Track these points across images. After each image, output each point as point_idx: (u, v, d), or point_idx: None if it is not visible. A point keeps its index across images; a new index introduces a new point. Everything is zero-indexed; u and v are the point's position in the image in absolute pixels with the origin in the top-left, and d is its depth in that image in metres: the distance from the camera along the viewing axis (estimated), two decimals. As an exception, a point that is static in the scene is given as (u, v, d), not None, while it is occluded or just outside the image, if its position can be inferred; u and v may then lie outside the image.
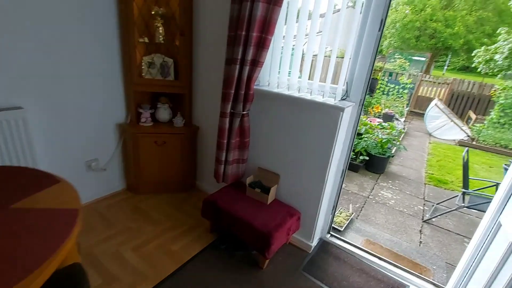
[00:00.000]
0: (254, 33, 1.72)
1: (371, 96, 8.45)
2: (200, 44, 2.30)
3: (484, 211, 2.96)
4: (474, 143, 6.61)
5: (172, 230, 2.22)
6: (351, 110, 1.70)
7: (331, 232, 2.23)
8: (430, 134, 7.46)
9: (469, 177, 2.94)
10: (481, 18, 20.61)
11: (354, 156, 4.23)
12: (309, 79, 1.82)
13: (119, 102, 2.40)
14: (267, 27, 1.71)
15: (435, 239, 2.79)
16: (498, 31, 9.98)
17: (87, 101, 2.19)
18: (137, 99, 2.41)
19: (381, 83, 8.26)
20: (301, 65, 1.82)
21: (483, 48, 10.64)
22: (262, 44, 1.74)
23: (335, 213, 2.35)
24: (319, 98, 1.71)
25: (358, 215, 3.02)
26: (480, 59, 10.42)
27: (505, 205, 1.27)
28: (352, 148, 1.85)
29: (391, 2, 1.46)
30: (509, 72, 9.12)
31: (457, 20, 20.56)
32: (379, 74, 9.11)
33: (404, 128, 7.06)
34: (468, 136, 6.85)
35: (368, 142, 4.21)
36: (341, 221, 2.55)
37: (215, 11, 2.09)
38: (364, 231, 2.62)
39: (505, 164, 2.60)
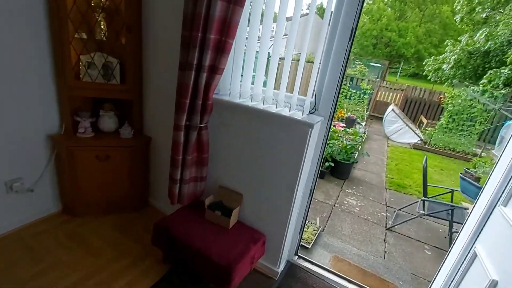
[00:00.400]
0: (212, 35, 1.48)
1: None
2: (151, 42, 1.99)
3: (442, 218, 3.09)
4: (426, 146, 7.08)
5: (116, 261, 1.88)
6: (320, 125, 1.54)
7: (298, 253, 2.08)
8: (388, 138, 7.85)
9: (427, 184, 3.02)
10: (429, 30, 22.67)
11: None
12: (275, 89, 1.63)
13: (50, 109, 1.99)
14: (227, 29, 1.49)
15: (398, 247, 2.81)
16: (445, 43, 11.00)
17: (7, 107, 1.76)
18: (74, 105, 2.03)
19: (343, 88, 8.50)
20: (266, 72, 1.62)
21: (432, 58, 11.63)
22: (222, 49, 1.51)
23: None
24: (285, 111, 1.52)
25: (325, 227, 2.93)
26: (430, 68, 11.37)
27: (480, 231, 1.20)
28: (321, 165, 1.70)
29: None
30: (455, 80, 10.06)
31: (409, 30, 22.35)
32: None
33: (365, 132, 7.33)
34: (421, 140, 7.33)
35: (334, 148, 4.20)
36: (308, 237, 2.42)
37: (169, 4, 1.81)
38: (332, 246, 2.52)
39: (461, 173, 2.67)
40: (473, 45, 9.75)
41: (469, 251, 1.25)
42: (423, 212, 2.89)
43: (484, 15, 10.71)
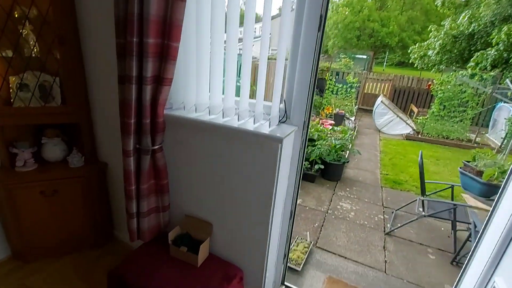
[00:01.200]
0: (150, 39, 1.21)
1: (321, 96, 8.45)
2: (92, 54, 1.71)
3: (444, 218, 2.85)
4: (419, 136, 6.90)
5: (71, 316, 1.59)
6: (294, 136, 1.28)
7: (286, 283, 1.81)
8: (379, 131, 7.65)
9: (425, 181, 2.79)
10: (411, 18, 22.69)
11: (309, 166, 3.94)
12: (236, 96, 1.35)
13: (-19, 142, 1.69)
14: (169, 30, 1.21)
15: (399, 254, 2.56)
16: (429, 28, 10.89)
17: None
18: (8, 135, 1.73)
19: (329, 83, 8.29)
20: (224, 78, 1.35)
21: (417, 45, 11.52)
22: (166, 55, 1.24)
23: (290, 247, 1.95)
24: (250, 124, 1.25)
25: (317, 239, 2.67)
26: (415, 55, 11.26)
27: (499, 261, 0.95)
28: (300, 182, 1.44)
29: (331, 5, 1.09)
30: (442, 66, 9.95)
31: (391, 19, 22.35)
32: (327, 74, 9.20)
33: (355, 127, 7.12)
34: (414, 130, 7.14)
35: (322, 149, 3.95)
36: (298, 257, 2.15)
37: (106, 7, 1.53)
38: (326, 264, 2.26)
39: (461, 168, 2.43)
40: (457, 29, 9.65)
41: (486, 286, 1.00)
42: (423, 213, 2.65)
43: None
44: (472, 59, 8.61)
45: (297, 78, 1.21)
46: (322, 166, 3.85)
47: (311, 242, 2.42)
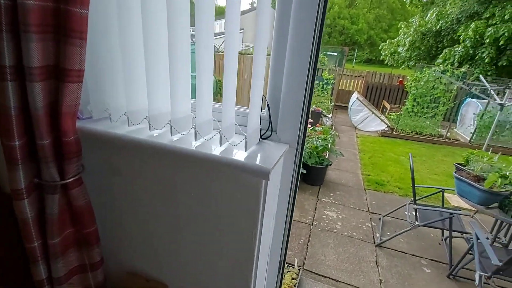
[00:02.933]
0: (33, 1, 0.73)
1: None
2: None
3: (438, 228, 2.66)
4: (394, 132, 6.90)
5: None
6: (284, 160, 0.88)
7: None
8: (355, 127, 7.58)
9: (415, 185, 2.57)
10: (378, 16, 23.48)
11: (290, 171, 3.61)
12: (193, 98, 0.89)
13: None
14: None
15: (393, 271, 2.31)
16: (399, 25, 11.11)
17: None
18: None
19: (305, 80, 8.05)
20: (173, 74, 0.85)
21: (388, 42, 11.72)
22: (65, 30, 0.75)
23: None
24: (215, 143, 0.83)
25: (304, 260, 2.34)
26: (386, 52, 11.45)
27: None
28: (291, 220, 1.04)
29: None
30: (411, 62, 10.19)
31: (360, 17, 22.95)
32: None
33: (332, 125, 6.95)
34: (388, 126, 7.14)
35: (304, 152, 3.63)
36: (286, 290, 1.79)
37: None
38: (317, 295, 1.93)
39: (455, 172, 2.21)
40: (425, 26, 9.89)
41: None
42: (417, 222, 2.41)
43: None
44: (440, 55, 8.86)
45: (286, 74, 0.81)
46: (305, 171, 3.53)
47: (299, 270, 2.07)
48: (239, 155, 0.74)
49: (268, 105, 0.82)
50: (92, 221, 1.02)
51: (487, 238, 2.50)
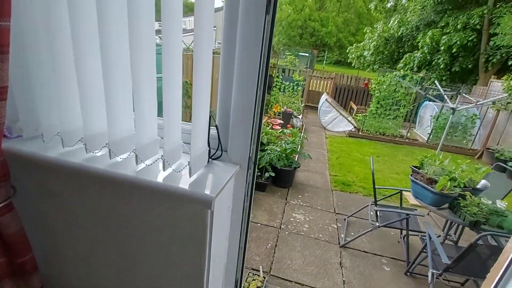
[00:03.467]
0: None
1: (268, 94, 8.25)
2: None
3: (397, 228, 2.81)
4: (360, 133, 7.21)
5: None
6: (234, 181, 0.84)
7: None
8: (325, 128, 7.80)
9: (376, 187, 2.68)
10: (347, 19, 24.42)
11: (259, 174, 3.60)
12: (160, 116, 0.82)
13: None
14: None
15: (356, 271, 2.40)
16: (364, 30, 11.64)
17: None
18: None
19: (276, 80, 8.13)
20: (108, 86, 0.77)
21: (354, 45, 12.22)
22: None
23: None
24: (157, 167, 0.76)
25: (271, 265, 2.34)
26: (353, 55, 11.93)
27: None
28: (246, 243, 1.01)
29: None
30: (375, 66, 10.72)
31: (330, 20, 23.69)
32: (274, 71, 9.05)
33: (303, 125, 7.09)
34: (355, 127, 7.45)
35: (272, 155, 3.64)
36: (250, 300, 1.77)
37: None
38: (282, 302, 1.93)
39: (411, 174, 2.34)
40: (388, 32, 10.45)
41: None
42: (377, 223, 2.52)
43: (391, 3, 11.63)
44: (401, 60, 9.42)
45: (235, 91, 0.76)
46: (273, 174, 3.54)
47: (264, 278, 2.06)
48: (184, 181, 0.69)
49: (216, 125, 0.78)
50: (27, 249, 0.91)
51: (439, 236, 2.69)
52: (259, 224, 2.94)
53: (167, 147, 0.70)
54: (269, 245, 2.62)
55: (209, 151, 0.79)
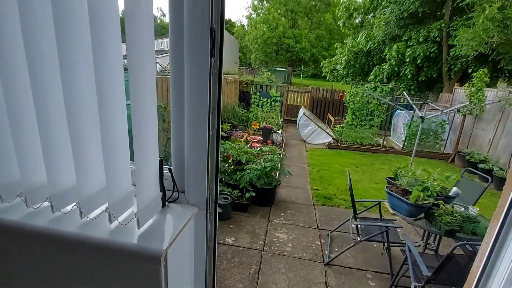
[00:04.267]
0: None
1: (248, 110, 8.32)
2: None
3: (378, 241, 2.82)
4: (339, 144, 7.37)
5: None
6: (194, 223, 0.78)
7: None
8: (304, 141, 7.91)
9: (356, 200, 2.70)
10: (319, 36, 25.59)
11: (240, 194, 3.53)
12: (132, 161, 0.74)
13: None
14: None
15: (342, 289, 2.35)
16: (335, 46, 12.22)
17: None
18: None
19: (254, 97, 8.23)
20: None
21: (327, 60, 12.74)
22: None
23: None
24: (104, 219, 0.70)
25: (255, 292, 2.24)
26: (327, 69, 12.41)
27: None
28: (215, 282, 0.95)
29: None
30: (348, 78, 11.19)
31: (303, 36, 24.71)
32: (251, 87, 9.18)
33: (283, 140, 7.15)
34: (333, 138, 7.61)
35: (252, 174, 3.60)
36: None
37: None
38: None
39: (387, 186, 2.37)
40: (357, 46, 11.02)
41: None
42: (359, 238, 2.51)
43: (358, 20, 12.34)
44: (372, 72, 9.90)
45: (187, 128, 0.72)
46: (254, 194, 3.49)
47: (246, 308, 1.96)
48: (132, 234, 0.63)
49: (169, 168, 0.73)
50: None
51: (419, 246, 2.71)
52: (241, 248, 2.84)
53: (112, 197, 0.64)
54: (252, 269, 2.53)
55: (164, 195, 0.73)
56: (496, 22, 5.70)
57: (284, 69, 12.98)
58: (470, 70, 7.82)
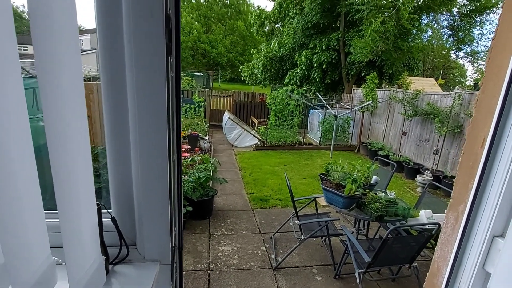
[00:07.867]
0: None
1: (169, 118, 7.75)
2: None
3: (320, 236, 2.97)
4: (265, 145, 7.64)
5: None
6: (157, 282, 0.57)
7: None
8: (232, 145, 7.89)
9: (295, 199, 2.78)
10: (233, 41, 26.26)
11: (174, 212, 3.19)
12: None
13: None
14: None
15: (293, 290, 2.36)
16: (251, 51, 12.72)
17: None
18: None
19: (175, 104, 7.73)
20: None
21: (245, 65, 13.14)
22: None
23: None
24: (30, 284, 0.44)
25: (208, 320, 2.02)
26: (245, 74, 12.79)
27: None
28: None
29: None
30: (266, 82, 11.81)
31: (218, 42, 24.89)
32: (171, 94, 8.61)
33: (210, 146, 6.93)
34: (260, 140, 7.84)
35: (186, 187, 3.31)
36: None
37: None
38: None
39: (322, 183, 2.50)
40: (271, 52, 11.72)
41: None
42: (303, 236, 2.58)
43: (268, 28, 13.18)
44: (286, 76, 10.71)
45: (136, 156, 0.51)
46: (191, 208, 3.20)
47: None
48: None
49: (112, 217, 0.50)
50: None
51: (353, 232, 2.98)
52: (184, 272, 2.54)
53: (15, 278, 0.39)
54: (201, 294, 2.29)
55: (107, 257, 0.50)
56: (380, 34, 6.96)
57: (202, 74, 12.73)
58: (363, 74, 9.32)
